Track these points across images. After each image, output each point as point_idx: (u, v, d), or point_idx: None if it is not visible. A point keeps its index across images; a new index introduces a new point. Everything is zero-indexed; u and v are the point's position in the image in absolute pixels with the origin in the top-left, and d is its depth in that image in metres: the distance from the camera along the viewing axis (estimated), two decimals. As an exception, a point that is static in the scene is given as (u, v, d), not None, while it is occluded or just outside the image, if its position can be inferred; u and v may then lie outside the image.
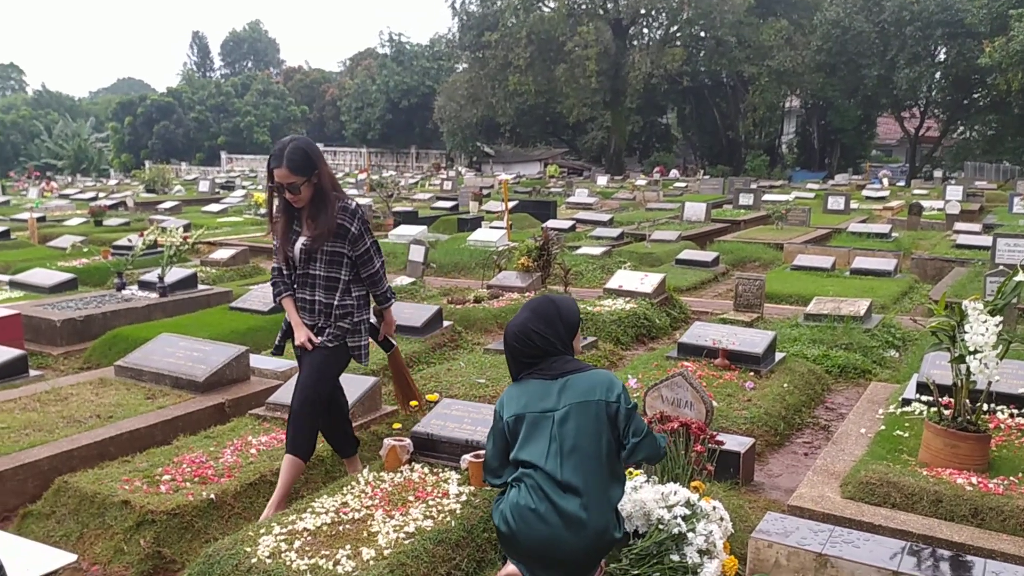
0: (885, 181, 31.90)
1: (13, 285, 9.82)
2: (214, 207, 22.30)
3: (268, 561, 3.32)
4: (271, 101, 61.29)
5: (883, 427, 4.74)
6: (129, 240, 12.41)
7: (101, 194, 28.14)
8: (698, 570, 3.27)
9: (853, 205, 21.03)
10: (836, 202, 20.42)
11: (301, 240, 3.92)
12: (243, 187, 31.55)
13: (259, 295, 8.52)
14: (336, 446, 4.37)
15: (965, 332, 4.02)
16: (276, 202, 4.00)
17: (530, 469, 3.15)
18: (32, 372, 6.30)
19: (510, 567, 3.28)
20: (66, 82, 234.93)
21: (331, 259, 3.93)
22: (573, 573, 3.16)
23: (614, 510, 3.18)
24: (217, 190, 29.31)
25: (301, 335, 3.97)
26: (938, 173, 37.89)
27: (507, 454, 3.31)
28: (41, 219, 17.67)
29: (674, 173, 38.77)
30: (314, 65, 75.97)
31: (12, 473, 4.31)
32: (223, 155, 57.11)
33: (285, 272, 4.05)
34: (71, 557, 3.09)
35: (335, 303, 3.97)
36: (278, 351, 4.26)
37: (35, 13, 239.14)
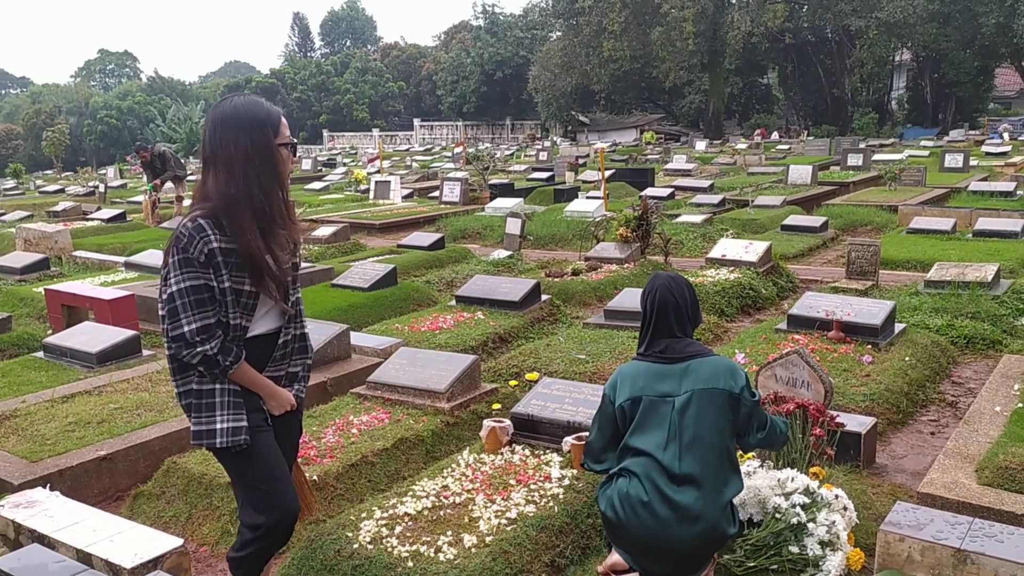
0: (1006, 135, 29.94)
1: (128, 266, 10.20)
2: (316, 184, 22.76)
3: (370, 547, 3.27)
4: (369, 78, 62.23)
5: (1020, 405, 4.37)
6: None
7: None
8: (820, 563, 3.07)
9: (972, 162, 19.78)
10: (954, 159, 19.26)
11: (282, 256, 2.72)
12: (344, 164, 32.12)
13: (359, 272, 8.58)
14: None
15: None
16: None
17: (643, 457, 2.94)
18: (145, 352, 6.49)
19: (615, 556, 3.14)
20: (177, 67, 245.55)
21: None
22: (682, 566, 2.98)
23: (729, 504, 2.97)
24: (319, 168, 29.92)
25: (286, 398, 2.82)
26: (1066, 125, 35.34)
27: (614, 440, 3.08)
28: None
29: (775, 135, 37.44)
30: (409, 40, 76.60)
31: (124, 454, 4.43)
32: (325, 133, 58.36)
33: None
34: (177, 541, 3.11)
35: (307, 330, 2.97)
36: (242, 445, 2.68)
37: (146, 2, 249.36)
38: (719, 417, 2.93)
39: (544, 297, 7.53)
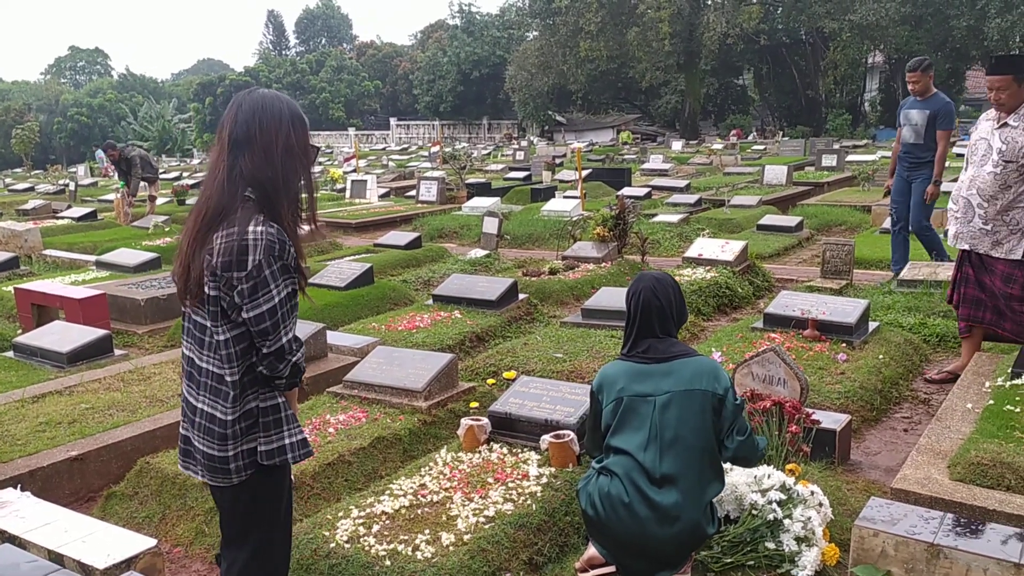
0: (977, 137, 30.29)
1: (99, 265, 10.07)
2: (291, 184, 22.57)
3: (347, 546, 3.26)
4: (345, 77, 61.92)
5: (991, 401, 4.42)
6: (209, 219, 12.58)
7: (184, 174, 28.84)
8: (795, 559, 3.09)
9: (945, 164, 19.98)
10: (926, 161, 19.46)
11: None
12: (319, 163, 31.95)
13: (335, 271, 8.54)
14: None
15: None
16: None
17: (624, 457, 2.94)
18: (117, 351, 6.41)
19: (592, 550, 3.14)
20: (149, 65, 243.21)
21: None
22: (660, 564, 2.99)
23: (709, 505, 2.98)
24: (294, 167, 29.68)
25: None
26: (1035, 127, 35.84)
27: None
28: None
29: (752, 136, 37.69)
30: (386, 39, 76.33)
31: (96, 454, 4.37)
32: (299, 132, 57.93)
33: None
34: (151, 542, 3.08)
35: None
36: (311, 454, 2.63)
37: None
38: (700, 418, 2.93)
39: (521, 296, 7.53)
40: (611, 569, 3.11)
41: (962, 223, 5.27)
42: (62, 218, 15.61)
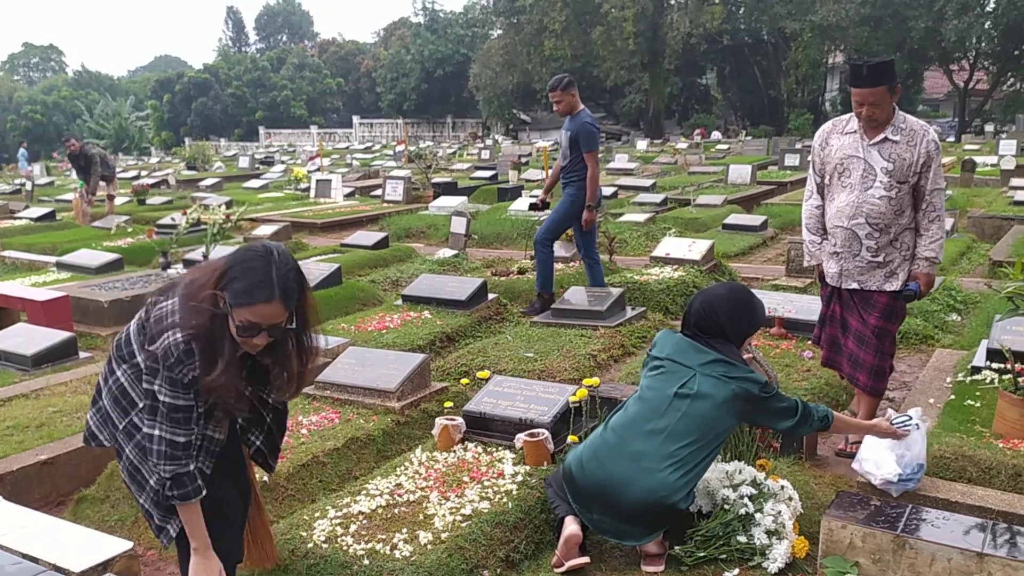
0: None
1: (60, 266, 9.91)
2: (254, 183, 22.38)
3: (324, 546, 3.27)
4: (307, 75, 61.38)
5: (953, 397, 4.55)
6: (172, 219, 12.44)
7: (143, 173, 28.42)
8: (767, 551, 3.17)
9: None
10: (885, 160, 19.81)
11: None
12: (282, 162, 31.68)
13: (303, 271, 8.48)
14: None
15: (1044, 297, 3.78)
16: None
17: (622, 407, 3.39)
18: (82, 354, 6.34)
19: (566, 531, 3.22)
20: (105, 62, 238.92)
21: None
22: (624, 521, 3.17)
23: (679, 481, 3.10)
24: (257, 166, 29.45)
25: (213, 569, 2.62)
26: (989, 127, 36.71)
27: None
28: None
29: (716, 135, 38.08)
30: (348, 37, 75.77)
31: (66, 458, 4.32)
32: (261, 130, 57.42)
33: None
34: (127, 544, 3.06)
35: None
36: None
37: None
38: (716, 411, 3.18)
39: (491, 296, 7.56)
40: (585, 560, 3.18)
41: (846, 259, 4.32)
42: (20, 218, 15.31)
